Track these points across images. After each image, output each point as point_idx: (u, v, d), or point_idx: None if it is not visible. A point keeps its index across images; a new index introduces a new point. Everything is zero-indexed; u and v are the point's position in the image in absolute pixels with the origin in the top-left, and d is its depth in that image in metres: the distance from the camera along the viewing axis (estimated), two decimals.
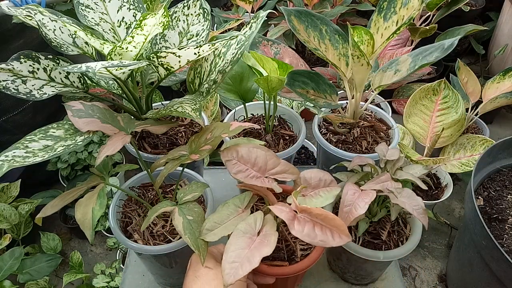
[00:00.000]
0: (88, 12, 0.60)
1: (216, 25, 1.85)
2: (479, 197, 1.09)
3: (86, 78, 0.62)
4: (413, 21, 1.65)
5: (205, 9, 0.66)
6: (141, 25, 0.49)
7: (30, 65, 0.55)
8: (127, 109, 0.65)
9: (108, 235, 1.43)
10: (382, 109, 0.79)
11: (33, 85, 0.55)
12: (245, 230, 0.45)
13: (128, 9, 0.62)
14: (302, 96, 0.66)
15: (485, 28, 1.55)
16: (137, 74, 0.65)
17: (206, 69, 0.61)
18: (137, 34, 0.49)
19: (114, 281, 1.18)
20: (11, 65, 0.53)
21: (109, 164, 0.56)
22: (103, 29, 0.61)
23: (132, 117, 0.59)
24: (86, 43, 0.62)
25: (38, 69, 0.56)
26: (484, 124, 1.57)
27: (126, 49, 0.51)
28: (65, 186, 1.42)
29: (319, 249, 0.53)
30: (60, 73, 0.58)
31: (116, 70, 0.52)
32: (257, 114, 0.78)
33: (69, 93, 0.60)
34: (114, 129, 0.53)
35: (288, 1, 1.68)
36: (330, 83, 0.69)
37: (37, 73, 0.56)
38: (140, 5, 0.63)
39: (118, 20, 0.62)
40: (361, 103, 0.72)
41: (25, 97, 0.54)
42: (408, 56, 0.63)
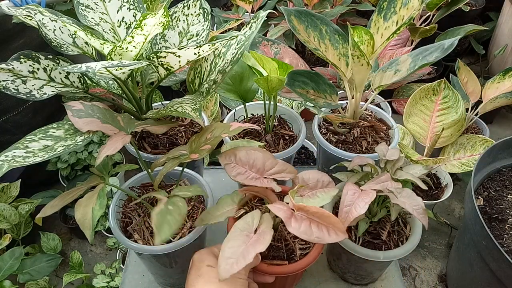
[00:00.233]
0: (88, 12, 0.60)
1: (216, 25, 1.85)
2: (479, 197, 1.09)
3: (86, 78, 0.62)
4: (413, 21, 1.65)
5: (205, 9, 0.66)
6: (141, 25, 0.49)
7: (30, 65, 0.55)
8: (127, 109, 0.65)
9: (108, 235, 1.43)
10: (382, 109, 0.79)
11: (33, 85, 0.55)
12: (243, 228, 0.47)
13: (128, 9, 0.62)
14: (302, 96, 0.66)
15: (485, 28, 1.55)
16: (137, 74, 0.65)
17: (206, 69, 0.61)
18: (137, 34, 0.49)
19: (114, 281, 1.18)
20: (11, 65, 0.53)
21: (109, 164, 0.56)
22: (103, 29, 0.61)
23: (132, 117, 0.60)
24: (86, 43, 0.62)
25: (38, 69, 0.56)
26: (484, 124, 1.57)
27: (126, 49, 0.51)
28: (65, 186, 1.42)
29: (318, 249, 0.54)
30: (60, 73, 0.58)
31: (116, 70, 0.52)
32: (257, 114, 0.78)
33: (69, 93, 0.60)
34: (114, 129, 0.53)
35: (288, 1, 1.68)
36: (330, 83, 0.69)
37: (37, 73, 0.56)
38: (140, 5, 0.63)
39: (118, 20, 0.62)
40: (361, 103, 0.72)
41: (25, 97, 0.54)
42: (408, 56, 0.63)
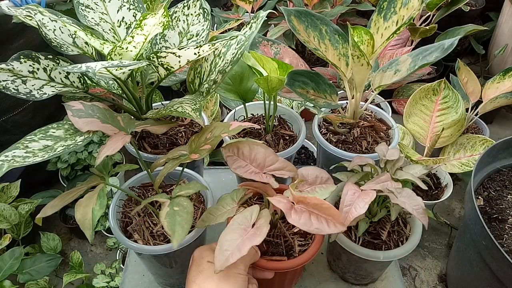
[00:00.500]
0: (88, 12, 0.60)
1: (216, 25, 1.85)
2: (479, 197, 1.09)
3: (86, 78, 0.62)
4: (413, 21, 1.65)
5: (205, 9, 0.66)
6: (141, 25, 0.49)
7: (30, 65, 0.55)
8: (127, 109, 0.65)
9: (108, 235, 1.43)
10: (382, 109, 0.79)
11: (33, 85, 0.55)
12: (241, 222, 0.47)
13: (128, 9, 0.62)
14: (302, 96, 0.66)
15: (485, 28, 1.55)
16: (137, 74, 0.65)
17: (206, 69, 0.61)
18: (137, 34, 0.49)
19: (114, 281, 1.18)
20: (11, 65, 0.53)
21: (109, 164, 0.56)
22: (103, 29, 0.61)
23: (132, 117, 0.60)
24: (86, 43, 0.62)
25: (38, 69, 0.55)
26: (484, 124, 1.57)
27: (126, 49, 0.51)
28: (65, 186, 1.42)
29: (317, 245, 0.54)
30: (60, 73, 0.58)
31: (116, 70, 0.52)
32: (257, 114, 0.78)
33: (69, 93, 0.60)
34: (114, 129, 0.53)
35: (288, 1, 1.68)
36: (330, 83, 0.69)
37: (37, 73, 0.56)
38: (140, 5, 0.63)
39: (118, 20, 0.62)
40: (361, 103, 0.72)
41: (25, 97, 0.54)
42: (408, 56, 0.63)
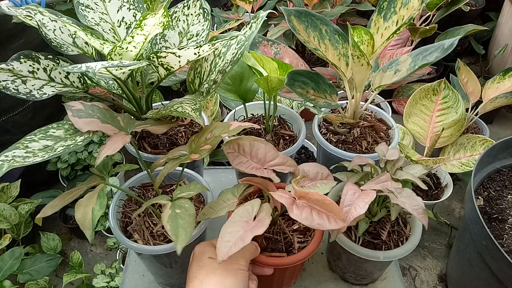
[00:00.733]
0: (88, 12, 0.60)
1: (216, 25, 1.85)
2: (479, 197, 1.09)
3: (86, 78, 0.62)
4: (413, 21, 1.65)
5: (205, 9, 0.66)
6: (141, 25, 0.49)
7: (30, 65, 0.55)
8: (127, 109, 0.65)
9: (108, 235, 1.43)
10: (382, 109, 0.79)
11: (33, 85, 0.55)
12: (242, 215, 0.48)
13: (128, 9, 0.62)
14: (302, 96, 0.66)
15: (485, 28, 1.55)
16: (137, 74, 0.65)
17: (206, 69, 0.61)
18: (137, 34, 0.49)
19: (114, 281, 1.18)
20: (11, 65, 0.53)
21: (109, 164, 0.56)
22: (103, 29, 0.61)
23: (132, 117, 0.59)
24: (86, 43, 0.62)
25: (38, 69, 0.55)
26: (484, 124, 1.57)
27: (126, 49, 0.51)
28: (65, 186, 1.42)
29: (316, 242, 0.55)
30: (60, 73, 0.58)
31: (116, 70, 0.52)
32: (257, 114, 0.78)
33: (69, 93, 0.60)
34: (114, 129, 0.53)
35: (288, 1, 1.68)
36: (330, 83, 0.69)
37: (37, 73, 0.55)
38: (140, 5, 0.63)
39: (118, 20, 0.62)
40: (361, 103, 0.72)
41: (25, 97, 0.54)
42: (408, 56, 0.63)
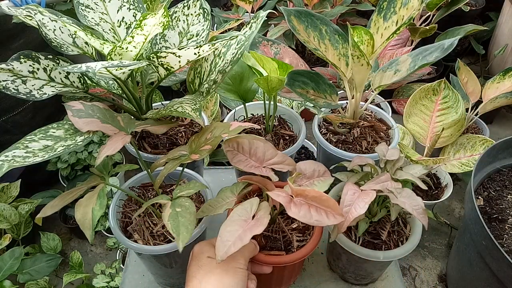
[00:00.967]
0: (88, 12, 0.60)
1: (216, 25, 1.85)
2: (479, 197, 1.09)
3: (86, 78, 0.62)
4: (413, 21, 1.65)
5: (205, 9, 0.66)
6: (141, 25, 0.49)
7: (30, 65, 0.55)
8: (127, 109, 0.65)
9: (108, 235, 1.43)
10: (382, 109, 0.79)
11: (33, 85, 0.55)
12: (241, 214, 0.48)
13: (128, 9, 0.62)
14: (302, 96, 0.66)
15: (485, 28, 1.55)
16: (137, 74, 0.65)
17: (206, 69, 0.61)
18: (137, 34, 0.49)
19: (114, 281, 1.18)
20: (11, 65, 0.53)
21: (109, 164, 0.56)
22: (103, 29, 0.61)
23: (132, 117, 0.60)
24: (86, 43, 0.62)
25: (38, 69, 0.55)
26: (484, 124, 1.57)
27: (126, 49, 0.51)
28: (65, 186, 1.42)
29: (315, 241, 0.55)
30: (60, 73, 0.58)
31: (116, 70, 0.52)
32: (257, 114, 0.78)
33: (69, 93, 0.60)
34: (114, 129, 0.53)
35: (288, 1, 1.68)
36: (330, 83, 0.69)
37: (37, 73, 0.56)
38: (140, 5, 0.63)
39: (118, 20, 0.62)
40: (361, 103, 0.72)
41: (25, 97, 0.54)
42: (408, 56, 0.63)
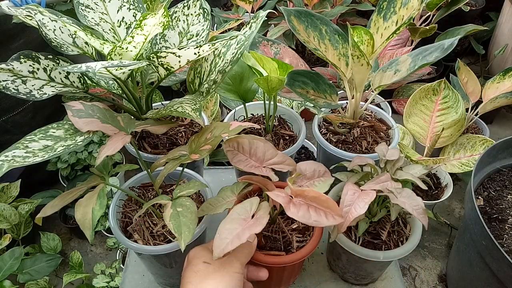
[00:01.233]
0: (88, 12, 0.60)
1: (216, 25, 1.85)
2: (479, 197, 1.09)
3: (86, 78, 0.62)
4: (413, 21, 1.65)
5: (205, 9, 0.66)
6: (141, 25, 0.49)
7: (30, 65, 0.55)
8: (127, 109, 0.65)
9: (108, 235, 1.43)
10: (382, 109, 0.79)
11: (33, 85, 0.55)
12: (240, 213, 0.48)
13: (128, 9, 0.62)
14: (302, 96, 0.66)
15: (485, 28, 1.55)
16: (137, 74, 0.65)
17: (206, 69, 0.61)
18: (137, 34, 0.49)
19: (114, 281, 1.18)
20: (11, 65, 0.53)
21: (109, 164, 0.56)
22: (103, 29, 0.61)
23: (132, 117, 0.60)
24: (86, 43, 0.62)
25: (38, 69, 0.55)
26: (484, 124, 1.57)
27: (126, 49, 0.51)
28: (65, 186, 1.42)
29: (315, 241, 0.55)
30: (60, 73, 0.58)
31: (116, 70, 0.52)
32: (257, 114, 0.78)
33: (69, 93, 0.60)
34: (114, 129, 0.53)
35: (288, 1, 1.68)
36: (330, 83, 0.69)
37: (37, 73, 0.56)
38: (140, 5, 0.63)
39: (118, 20, 0.62)
40: (361, 103, 0.72)
41: (25, 97, 0.54)
42: (408, 56, 0.63)
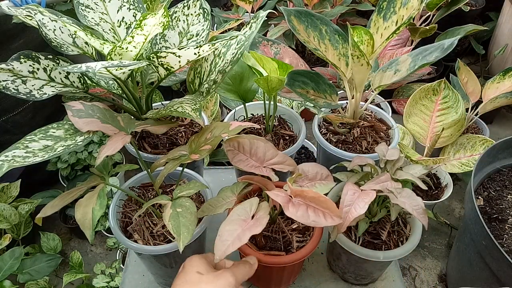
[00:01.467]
0: (88, 12, 0.60)
1: (216, 25, 1.85)
2: (479, 197, 1.09)
3: (86, 78, 0.62)
4: (413, 21, 1.65)
5: (205, 9, 0.66)
6: (141, 25, 0.49)
7: (30, 65, 0.55)
8: (127, 109, 0.65)
9: (108, 235, 1.43)
10: (382, 109, 0.79)
11: (33, 85, 0.55)
12: (240, 213, 0.48)
13: (128, 9, 0.62)
14: (302, 96, 0.66)
15: (485, 28, 1.55)
16: (137, 74, 0.65)
17: (206, 69, 0.61)
18: (137, 34, 0.49)
19: (114, 281, 1.18)
20: (11, 65, 0.53)
21: (109, 164, 0.56)
22: (103, 29, 0.61)
23: (132, 117, 0.60)
24: (86, 43, 0.62)
25: (38, 69, 0.56)
26: (484, 124, 1.57)
27: (126, 49, 0.51)
28: (65, 186, 1.42)
29: (315, 241, 0.55)
30: (60, 73, 0.58)
31: (116, 70, 0.52)
32: (257, 114, 0.78)
33: (69, 93, 0.60)
34: (114, 129, 0.53)
35: (288, 1, 1.68)
36: (330, 83, 0.69)
37: (37, 73, 0.56)
38: (140, 5, 0.63)
39: (118, 20, 0.62)
40: (361, 103, 0.72)
41: (25, 97, 0.54)
42: (408, 56, 0.63)
